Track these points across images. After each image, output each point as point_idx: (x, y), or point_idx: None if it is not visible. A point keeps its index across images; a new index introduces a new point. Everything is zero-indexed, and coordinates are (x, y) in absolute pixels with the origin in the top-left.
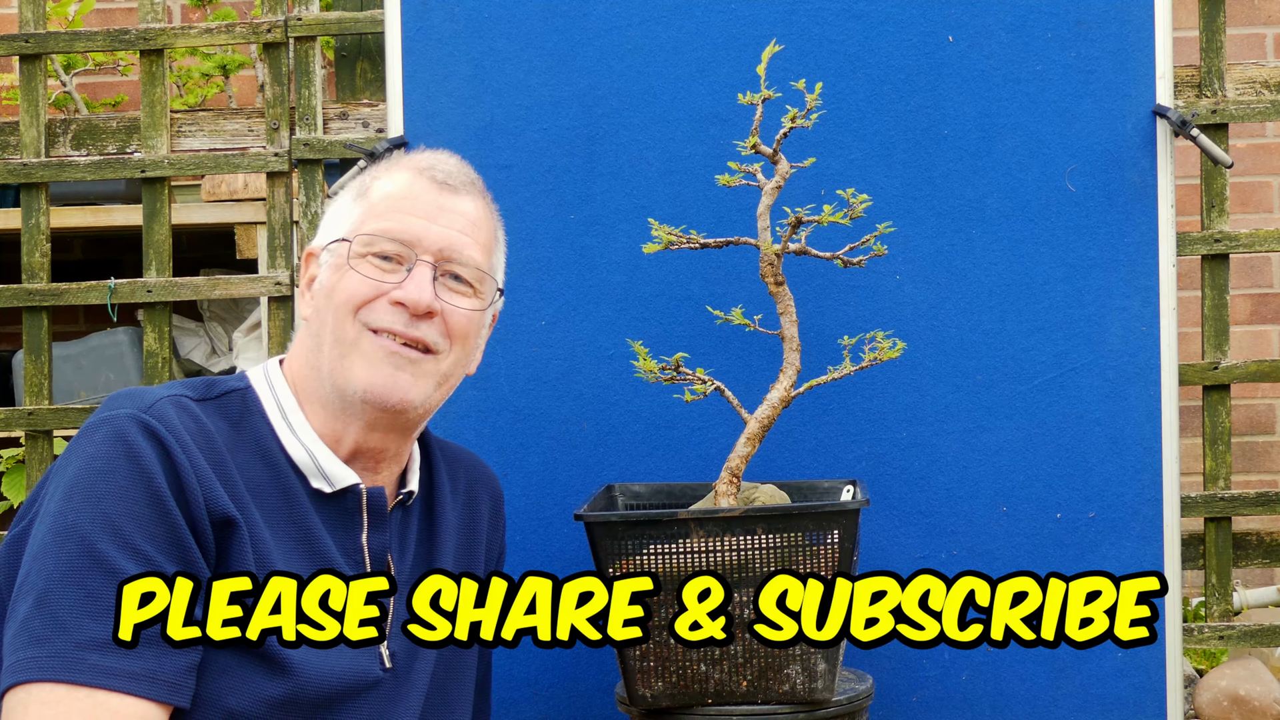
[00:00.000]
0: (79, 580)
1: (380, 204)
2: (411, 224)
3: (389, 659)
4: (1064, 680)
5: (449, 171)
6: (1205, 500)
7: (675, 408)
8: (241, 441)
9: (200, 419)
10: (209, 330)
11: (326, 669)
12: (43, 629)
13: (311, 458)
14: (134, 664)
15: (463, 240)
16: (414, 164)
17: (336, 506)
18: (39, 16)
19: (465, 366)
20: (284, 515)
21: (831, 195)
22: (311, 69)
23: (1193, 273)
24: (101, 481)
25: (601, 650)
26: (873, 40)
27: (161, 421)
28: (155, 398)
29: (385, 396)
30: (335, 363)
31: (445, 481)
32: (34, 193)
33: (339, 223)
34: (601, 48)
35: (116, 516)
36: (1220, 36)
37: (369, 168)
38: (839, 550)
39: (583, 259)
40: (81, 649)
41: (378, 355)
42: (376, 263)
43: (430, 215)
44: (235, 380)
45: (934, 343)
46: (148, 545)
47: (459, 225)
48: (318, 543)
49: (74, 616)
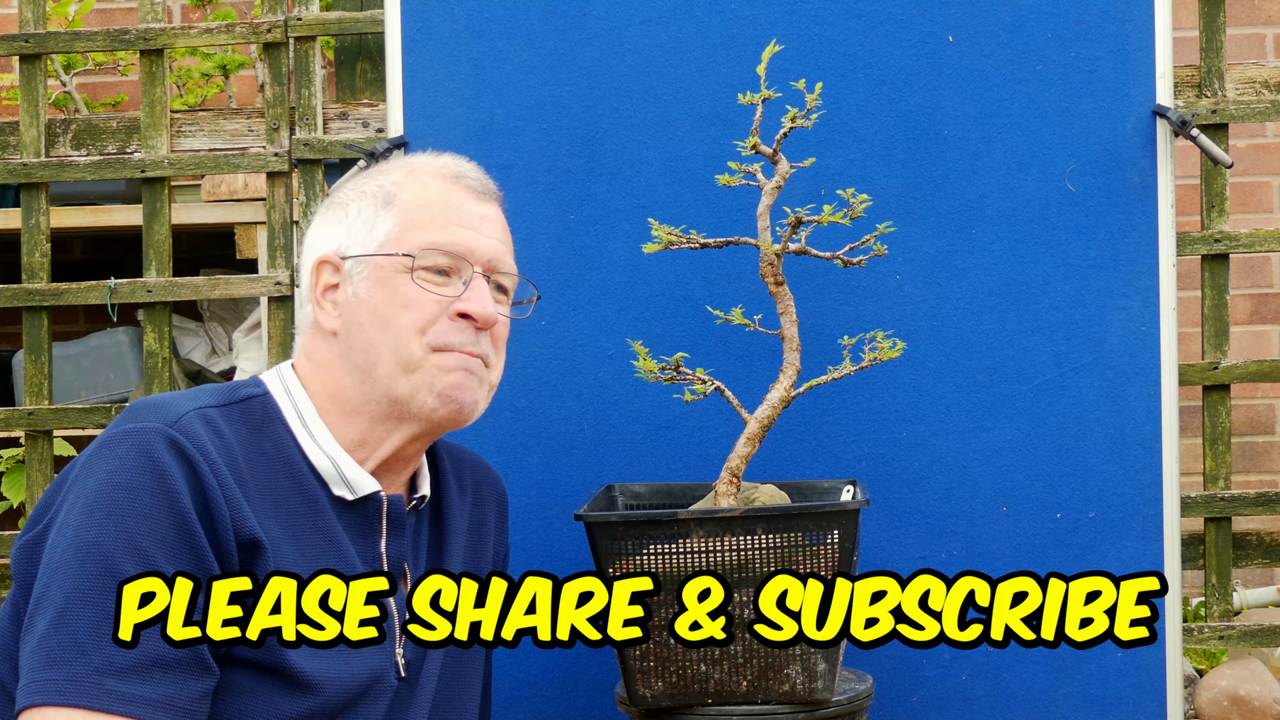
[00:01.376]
0: (99, 601)
1: (420, 214)
2: (462, 236)
3: (404, 668)
4: (1064, 680)
5: (480, 179)
6: (1205, 500)
7: (675, 408)
8: (262, 449)
9: (223, 431)
10: (209, 330)
11: (346, 681)
12: (60, 650)
13: (334, 465)
14: (151, 691)
15: (502, 249)
16: (441, 171)
17: (357, 514)
18: (39, 16)
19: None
20: (308, 524)
21: (831, 195)
22: (311, 69)
23: (1193, 273)
24: (125, 499)
25: (601, 650)
26: (873, 40)
27: (189, 438)
28: (182, 412)
29: (459, 411)
30: (398, 379)
31: (453, 484)
32: (34, 193)
33: (367, 232)
34: (601, 48)
35: (140, 537)
36: (1220, 36)
37: (376, 173)
38: (839, 550)
39: (583, 259)
40: (100, 674)
41: (450, 368)
42: (431, 277)
43: (475, 226)
44: (252, 386)
45: (934, 343)
46: (171, 568)
47: (498, 234)
48: (342, 550)
49: (92, 639)
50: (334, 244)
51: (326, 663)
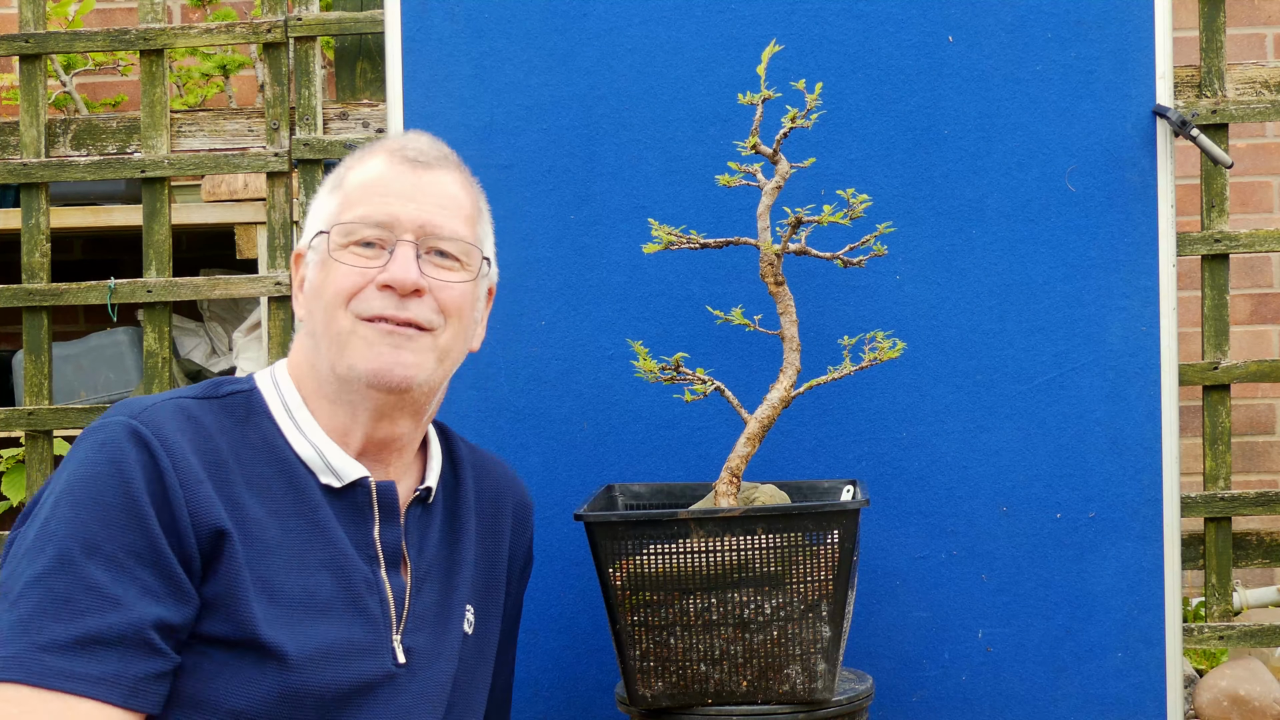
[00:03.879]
0: (48, 584)
1: (355, 192)
2: (389, 205)
3: (403, 654)
4: (1064, 680)
5: (420, 149)
6: (1205, 500)
7: (675, 408)
8: (247, 440)
9: (200, 421)
10: (209, 330)
11: (325, 659)
12: (8, 630)
13: (319, 453)
14: (93, 668)
15: (442, 214)
16: (385, 147)
17: (347, 501)
18: (39, 16)
19: (465, 341)
20: (294, 510)
21: (831, 195)
22: (311, 69)
23: (1193, 273)
24: (83, 488)
25: (601, 650)
26: (873, 40)
27: (151, 427)
28: (150, 403)
29: (387, 376)
30: (335, 356)
31: (471, 486)
32: (34, 193)
33: (318, 217)
34: (601, 48)
35: (91, 523)
36: (1220, 36)
37: (344, 159)
38: (839, 550)
39: (583, 259)
40: (42, 650)
41: (375, 339)
42: (359, 251)
43: (407, 194)
44: (242, 382)
45: (934, 343)
46: (121, 552)
47: (437, 200)
48: (330, 534)
49: (37, 619)
50: (304, 234)
51: (301, 637)
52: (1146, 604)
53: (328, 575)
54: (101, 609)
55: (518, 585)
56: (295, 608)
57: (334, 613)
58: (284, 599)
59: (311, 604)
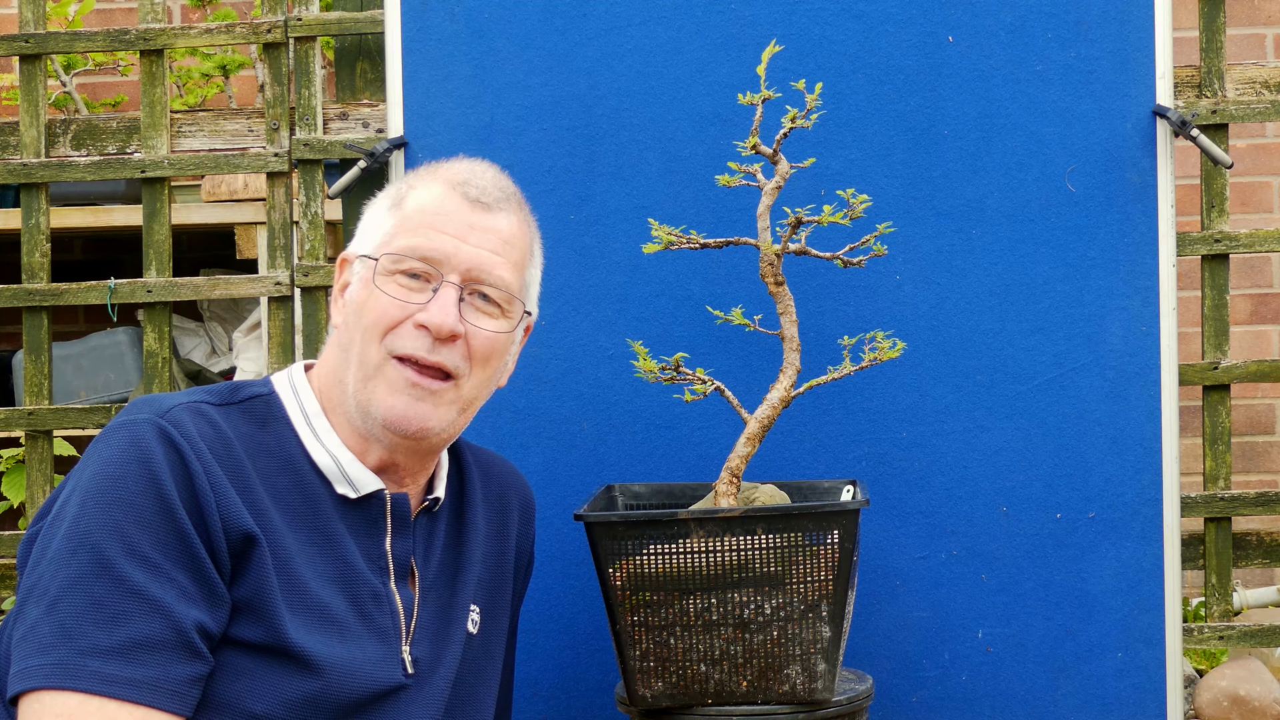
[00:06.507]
0: (86, 588)
1: (413, 218)
2: (441, 242)
3: (411, 665)
4: (1064, 680)
5: (483, 188)
6: (1205, 500)
7: (675, 408)
8: (264, 446)
9: (219, 425)
10: (209, 330)
11: (349, 669)
12: (50, 636)
13: (336, 463)
14: (137, 672)
15: (493, 260)
16: (449, 176)
17: (360, 512)
18: (39, 16)
19: (491, 386)
20: (307, 520)
21: (831, 195)
22: (311, 69)
23: (1193, 273)
24: (113, 487)
25: (601, 650)
26: (873, 40)
27: (177, 428)
28: (173, 403)
29: (404, 426)
30: (359, 385)
31: (478, 488)
32: (34, 193)
33: (372, 233)
34: (601, 48)
35: (126, 524)
36: (1220, 37)
37: (409, 173)
38: (839, 550)
39: (583, 259)
40: (85, 656)
41: (399, 384)
42: (404, 281)
43: (460, 234)
44: (260, 385)
45: (934, 343)
46: (156, 553)
47: (490, 245)
48: (340, 547)
49: (79, 624)
50: (355, 244)
51: (325, 645)
52: (1146, 604)
53: (339, 587)
54: (144, 612)
55: (520, 583)
56: (316, 616)
57: (350, 624)
58: (307, 607)
59: (328, 613)
